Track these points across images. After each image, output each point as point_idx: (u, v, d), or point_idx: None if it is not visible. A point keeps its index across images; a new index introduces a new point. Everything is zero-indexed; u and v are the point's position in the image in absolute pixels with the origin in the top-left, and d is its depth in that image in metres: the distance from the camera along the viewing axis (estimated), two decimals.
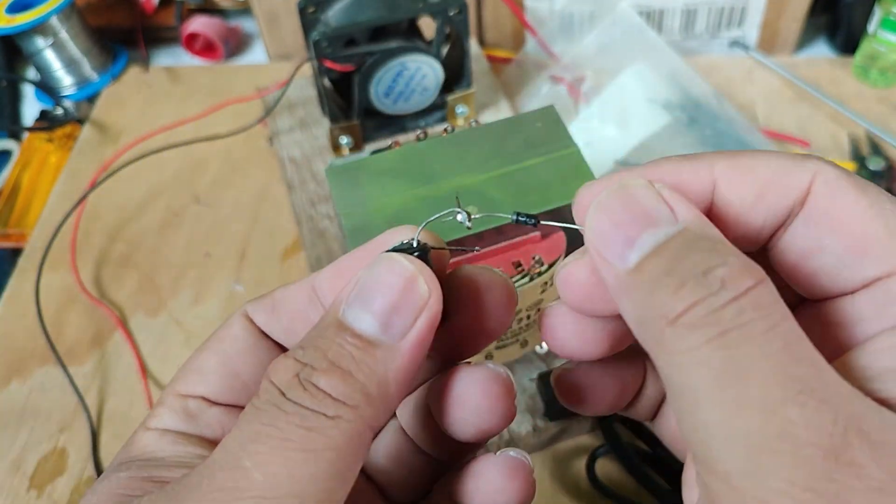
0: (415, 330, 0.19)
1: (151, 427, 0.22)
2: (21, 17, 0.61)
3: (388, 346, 0.19)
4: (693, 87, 0.60)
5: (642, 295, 0.18)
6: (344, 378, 0.18)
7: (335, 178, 0.38)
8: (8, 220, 0.59)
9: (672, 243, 0.18)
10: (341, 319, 0.19)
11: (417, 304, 0.19)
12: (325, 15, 0.53)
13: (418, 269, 0.20)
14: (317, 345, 0.19)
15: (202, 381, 0.22)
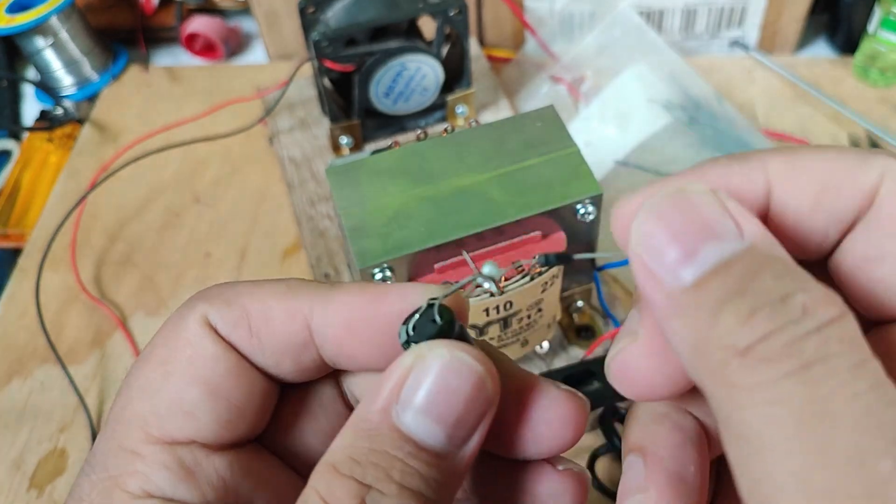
0: (477, 435, 0.17)
1: (140, 493, 0.18)
2: (21, 17, 0.61)
3: (453, 455, 0.17)
4: (693, 87, 0.60)
5: (702, 319, 0.15)
6: (416, 500, 0.16)
7: (335, 178, 0.38)
8: (8, 220, 0.59)
9: (739, 262, 0.15)
10: (398, 427, 0.17)
11: (485, 409, 0.17)
12: (325, 15, 0.53)
13: (486, 370, 0.17)
14: (377, 462, 0.16)
15: (189, 421, 0.18)
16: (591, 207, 0.37)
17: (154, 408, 0.18)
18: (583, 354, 0.45)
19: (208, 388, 0.18)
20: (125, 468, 0.18)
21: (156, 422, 0.18)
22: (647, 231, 0.16)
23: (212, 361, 0.19)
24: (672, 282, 0.16)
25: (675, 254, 0.16)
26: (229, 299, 0.19)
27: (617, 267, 0.41)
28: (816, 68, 0.64)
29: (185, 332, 0.19)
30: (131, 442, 0.18)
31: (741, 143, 0.56)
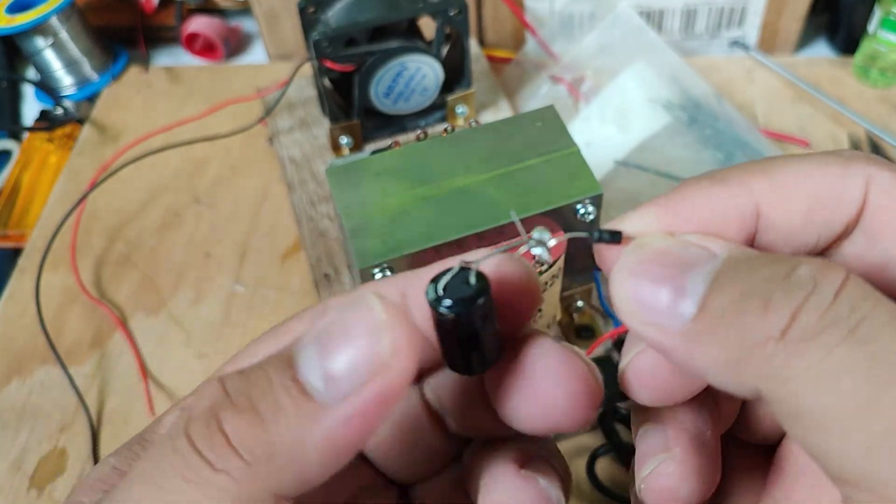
0: (357, 398, 0.15)
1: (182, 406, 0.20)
2: (21, 17, 0.61)
3: (321, 404, 0.15)
4: (693, 87, 0.60)
5: (724, 332, 0.15)
6: (252, 425, 0.15)
7: (335, 178, 0.38)
8: (8, 220, 0.59)
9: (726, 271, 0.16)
10: (293, 354, 0.16)
11: (370, 367, 0.15)
12: (325, 15, 0.53)
13: (389, 322, 0.15)
14: (251, 375, 0.15)
15: None
16: (592, 207, 0.37)
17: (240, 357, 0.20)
18: (584, 354, 0.45)
19: None
20: None
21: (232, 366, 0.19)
22: (630, 290, 0.17)
23: None
24: (676, 321, 0.16)
25: (665, 296, 0.16)
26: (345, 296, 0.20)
27: None
28: (816, 68, 0.64)
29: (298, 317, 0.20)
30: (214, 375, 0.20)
31: (741, 143, 0.56)
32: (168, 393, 0.48)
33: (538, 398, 0.18)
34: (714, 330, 0.15)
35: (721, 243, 0.17)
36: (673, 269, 0.16)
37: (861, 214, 0.17)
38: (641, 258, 0.17)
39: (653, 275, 0.16)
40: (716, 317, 0.15)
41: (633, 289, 0.17)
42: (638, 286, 0.16)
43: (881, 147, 0.57)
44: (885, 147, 0.57)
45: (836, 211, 0.17)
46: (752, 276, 0.15)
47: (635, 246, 0.17)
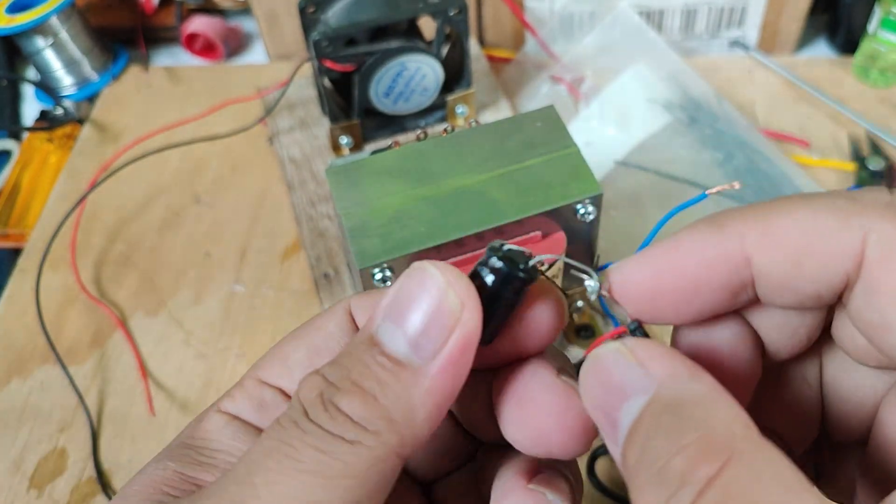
0: (445, 351, 0.17)
1: (223, 410, 0.21)
2: (21, 17, 0.61)
3: (415, 368, 0.17)
4: (693, 87, 0.60)
5: (629, 486, 0.16)
6: (365, 401, 0.17)
7: (335, 178, 0.38)
8: (8, 220, 0.59)
9: (641, 423, 0.16)
10: (373, 334, 0.18)
11: (448, 322, 0.17)
12: (325, 15, 0.53)
13: (448, 281, 0.18)
14: (344, 362, 0.18)
15: (285, 373, 0.21)
16: (591, 207, 0.37)
17: (270, 357, 0.21)
18: (583, 354, 0.45)
19: (313, 353, 0.21)
20: (231, 392, 0.21)
21: (265, 366, 0.21)
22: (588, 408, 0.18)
23: (327, 336, 0.21)
24: (615, 446, 0.17)
25: (607, 428, 0.17)
26: (370, 293, 0.22)
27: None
28: (816, 68, 0.64)
29: (329, 312, 0.22)
30: (247, 376, 0.22)
31: (741, 143, 0.56)
32: (168, 392, 0.48)
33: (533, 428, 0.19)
34: (626, 476, 0.16)
35: (662, 365, 0.17)
36: (611, 398, 0.17)
37: (861, 269, 0.17)
38: (591, 376, 0.18)
39: (597, 400, 0.18)
40: (628, 471, 0.16)
41: (589, 408, 0.18)
42: (591, 409, 0.18)
43: (881, 147, 0.57)
44: (885, 147, 0.57)
45: (829, 264, 0.17)
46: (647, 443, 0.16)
47: (592, 360, 0.18)
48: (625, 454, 0.16)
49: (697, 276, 0.19)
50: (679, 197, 0.49)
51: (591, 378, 0.18)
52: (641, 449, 0.16)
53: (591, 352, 0.19)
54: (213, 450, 0.20)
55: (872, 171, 0.55)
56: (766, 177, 0.55)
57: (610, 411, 0.17)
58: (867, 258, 0.17)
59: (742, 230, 0.18)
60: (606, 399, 0.17)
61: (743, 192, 0.54)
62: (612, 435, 0.17)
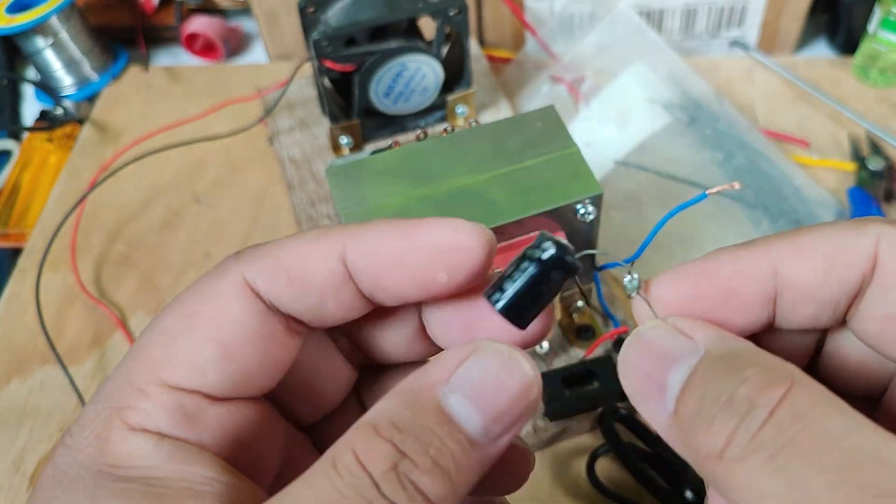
0: (509, 435, 0.18)
1: (136, 426, 0.18)
2: (21, 17, 0.61)
3: (485, 448, 0.18)
4: (693, 87, 0.60)
5: (686, 439, 0.17)
6: (444, 480, 0.17)
7: (335, 178, 0.38)
8: (8, 220, 0.59)
9: (696, 376, 0.18)
10: (443, 407, 0.18)
11: (525, 414, 0.18)
12: (325, 15, 0.53)
13: (536, 378, 0.18)
14: (417, 434, 0.17)
15: (198, 375, 0.19)
16: (591, 207, 0.37)
17: (168, 355, 0.19)
18: (583, 354, 0.45)
19: (224, 348, 0.19)
20: (129, 402, 0.18)
21: (167, 368, 0.19)
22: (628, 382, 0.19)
23: (234, 325, 0.19)
24: (662, 414, 0.18)
25: (653, 392, 0.18)
26: (262, 255, 0.20)
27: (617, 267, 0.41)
28: (816, 68, 0.64)
29: (216, 290, 0.19)
30: (141, 380, 0.19)
31: (741, 143, 0.56)
32: None
33: None
34: (680, 432, 0.18)
35: (705, 330, 0.19)
36: (658, 364, 0.19)
37: (874, 269, 0.19)
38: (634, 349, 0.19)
39: (641, 369, 0.19)
40: (683, 422, 0.18)
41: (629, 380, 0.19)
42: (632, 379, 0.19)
43: (881, 147, 0.57)
44: (885, 147, 0.57)
45: (851, 267, 0.19)
46: (709, 387, 0.17)
47: (634, 337, 0.20)
48: (679, 409, 0.18)
49: (730, 287, 0.20)
50: (679, 197, 0.49)
51: (634, 351, 0.19)
52: (701, 395, 0.17)
53: (633, 331, 0.20)
54: (160, 478, 0.18)
55: (872, 171, 0.55)
56: (766, 177, 0.55)
57: (657, 378, 0.18)
58: (881, 259, 0.19)
59: (771, 247, 0.20)
60: (653, 367, 0.19)
61: (743, 192, 0.54)
62: (659, 398, 0.18)
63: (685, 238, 0.52)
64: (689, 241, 0.52)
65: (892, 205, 0.54)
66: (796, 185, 0.55)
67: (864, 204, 0.52)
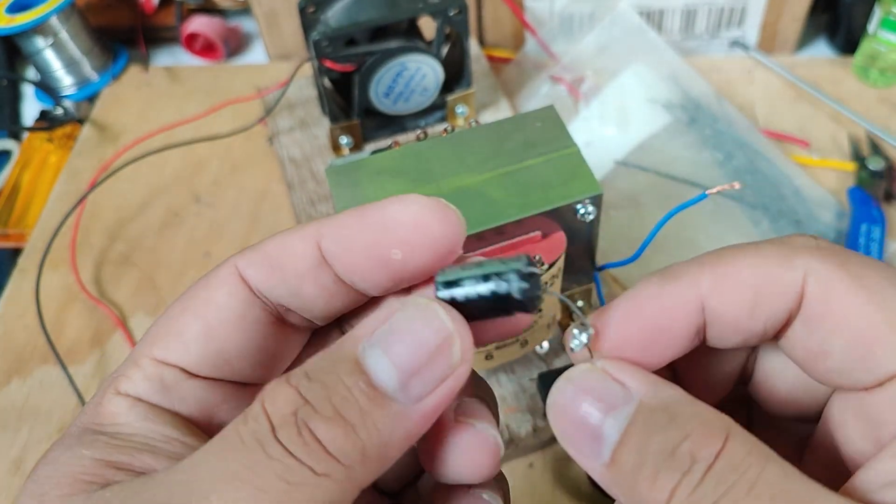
0: (433, 397, 0.17)
1: (122, 392, 0.20)
2: (21, 17, 0.61)
3: (400, 406, 0.17)
4: (693, 87, 0.60)
5: (626, 489, 0.18)
6: (346, 432, 0.16)
7: (335, 178, 0.38)
8: (8, 220, 0.59)
9: (634, 428, 0.18)
10: (359, 359, 0.17)
11: (444, 371, 0.17)
12: (325, 15, 0.53)
13: (456, 331, 0.18)
14: (325, 381, 0.17)
15: (181, 351, 0.20)
16: (591, 207, 0.37)
17: (162, 332, 0.20)
18: None
19: (207, 328, 0.20)
20: (125, 371, 0.20)
21: (159, 343, 0.20)
22: (560, 427, 0.19)
23: (219, 308, 0.20)
24: (596, 461, 0.18)
25: (587, 439, 0.18)
26: (255, 247, 0.21)
27: (617, 267, 0.41)
28: (816, 68, 0.64)
29: (212, 279, 0.21)
30: (139, 354, 0.20)
31: (741, 144, 0.56)
32: None
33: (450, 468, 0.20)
34: (621, 482, 0.18)
35: (638, 379, 0.19)
36: (593, 412, 0.18)
37: (800, 304, 0.19)
38: (565, 394, 0.19)
39: (574, 415, 0.19)
40: (622, 472, 0.18)
41: (561, 426, 0.19)
42: (564, 425, 0.19)
43: (881, 147, 0.57)
44: (885, 147, 0.57)
45: (777, 302, 0.19)
46: (650, 439, 0.17)
47: (564, 381, 0.19)
48: (618, 459, 0.18)
49: (656, 326, 0.20)
50: (679, 197, 0.49)
51: (564, 396, 0.19)
52: (641, 448, 0.17)
53: (562, 375, 0.19)
54: (127, 434, 0.19)
55: (872, 170, 0.55)
56: (765, 177, 0.55)
57: (590, 425, 0.18)
58: (807, 294, 0.19)
59: (697, 278, 0.20)
60: (586, 414, 0.18)
61: (743, 192, 0.54)
62: (595, 448, 0.18)
63: (685, 238, 0.52)
64: (689, 241, 0.52)
65: (892, 205, 0.54)
66: (796, 185, 0.55)
67: (864, 204, 0.52)
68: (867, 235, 0.50)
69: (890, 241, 0.51)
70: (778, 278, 0.19)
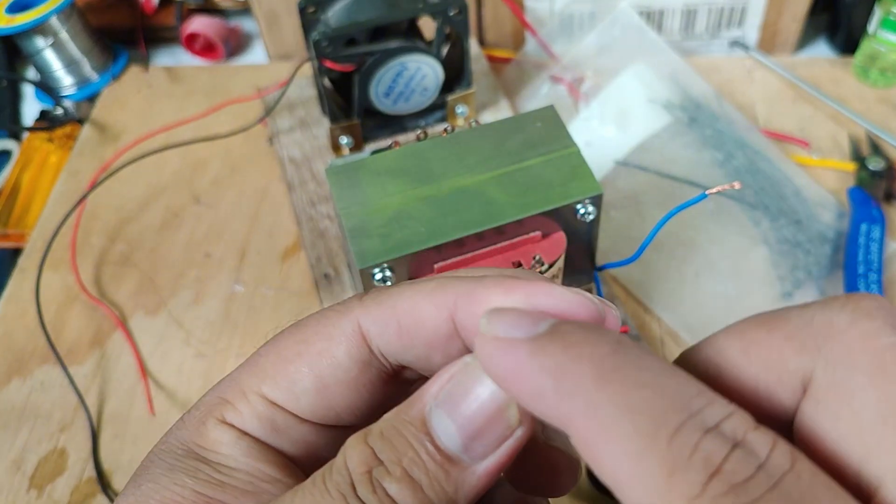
0: (494, 458, 0.18)
1: (229, 422, 0.20)
2: (21, 17, 0.61)
3: (464, 466, 0.18)
4: (693, 87, 0.60)
5: None
6: (414, 491, 0.17)
7: (335, 178, 0.38)
8: (8, 220, 0.59)
9: None
10: (426, 420, 0.18)
11: (504, 433, 0.18)
12: (325, 15, 0.53)
13: (511, 396, 0.18)
14: (395, 443, 0.18)
15: (293, 399, 0.20)
16: (592, 207, 0.37)
17: (273, 372, 0.20)
18: None
19: (320, 384, 0.20)
20: (231, 399, 0.20)
21: (269, 382, 0.20)
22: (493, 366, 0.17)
23: (335, 367, 0.20)
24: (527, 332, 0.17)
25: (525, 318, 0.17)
26: (382, 301, 0.20)
27: (617, 267, 0.41)
28: (816, 68, 0.64)
29: (332, 328, 0.20)
30: (246, 385, 0.20)
31: (741, 144, 0.56)
32: (168, 393, 0.48)
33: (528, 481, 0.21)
34: None
35: None
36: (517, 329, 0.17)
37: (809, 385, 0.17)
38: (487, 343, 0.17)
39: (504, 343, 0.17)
40: None
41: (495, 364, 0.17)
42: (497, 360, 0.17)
43: (881, 147, 0.57)
44: (885, 147, 0.57)
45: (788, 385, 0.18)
46: None
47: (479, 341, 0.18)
48: None
49: None
50: (679, 197, 0.49)
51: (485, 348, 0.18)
52: None
53: None
54: (230, 468, 0.20)
55: (872, 171, 0.55)
56: (766, 177, 0.55)
57: None
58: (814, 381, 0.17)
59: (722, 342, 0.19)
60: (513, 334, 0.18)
61: (743, 192, 0.54)
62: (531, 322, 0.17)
63: (685, 238, 0.52)
64: (689, 241, 0.52)
65: (892, 205, 0.54)
66: (796, 185, 0.55)
67: (863, 204, 0.52)
68: (867, 235, 0.50)
69: (890, 241, 0.51)
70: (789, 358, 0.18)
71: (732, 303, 0.49)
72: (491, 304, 0.19)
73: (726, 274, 0.50)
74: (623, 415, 0.15)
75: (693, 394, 0.15)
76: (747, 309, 0.54)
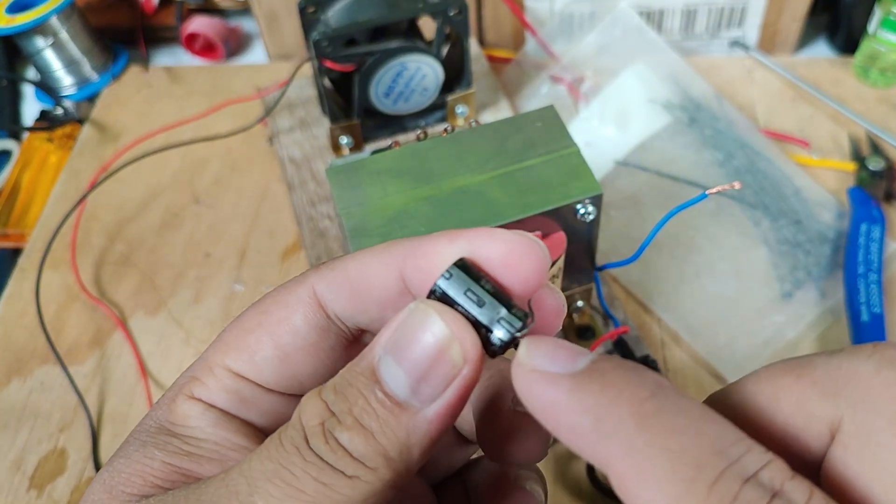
0: (443, 399, 0.18)
1: (196, 396, 0.21)
2: (21, 17, 0.61)
3: (414, 410, 0.18)
4: (693, 87, 0.60)
5: None
6: (366, 439, 0.18)
7: (335, 178, 0.38)
8: (8, 220, 0.59)
9: None
10: (375, 369, 0.18)
11: (449, 374, 0.18)
12: (325, 15, 0.53)
13: (456, 334, 0.18)
14: (346, 393, 0.18)
15: (256, 369, 0.21)
16: (592, 207, 0.37)
17: (236, 344, 0.21)
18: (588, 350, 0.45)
19: (281, 352, 0.21)
20: (198, 375, 0.21)
21: (233, 354, 0.21)
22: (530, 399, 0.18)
23: (294, 333, 0.21)
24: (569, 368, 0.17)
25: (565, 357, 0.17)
26: (335, 266, 0.21)
27: (617, 267, 0.41)
28: (816, 68, 0.64)
29: (289, 297, 0.21)
30: (213, 360, 0.21)
31: (741, 144, 0.56)
32: None
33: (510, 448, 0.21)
34: None
35: None
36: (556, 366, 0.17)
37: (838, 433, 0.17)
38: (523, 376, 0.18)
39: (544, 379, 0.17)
40: None
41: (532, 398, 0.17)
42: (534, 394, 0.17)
43: (881, 147, 0.57)
44: (885, 147, 0.57)
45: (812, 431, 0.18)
46: None
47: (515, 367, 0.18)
48: None
49: None
50: (679, 197, 0.49)
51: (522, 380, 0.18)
52: None
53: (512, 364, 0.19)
54: (199, 439, 0.20)
55: (872, 171, 0.55)
56: (766, 177, 0.55)
57: None
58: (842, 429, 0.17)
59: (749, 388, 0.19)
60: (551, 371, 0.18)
61: (743, 192, 0.54)
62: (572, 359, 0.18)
63: (685, 238, 0.52)
64: (689, 241, 0.52)
65: (892, 205, 0.54)
66: (796, 185, 0.55)
67: (863, 204, 0.52)
68: (867, 235, 0.50)
69: (890, 241, 0.51)
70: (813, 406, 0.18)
71: (732, 303, 0.49)
72: (437, 255, 0.19)
73: (726, 274, 0.50)
74: (663, 459, 0.15)
75: (732, 440, 0.15)
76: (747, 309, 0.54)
